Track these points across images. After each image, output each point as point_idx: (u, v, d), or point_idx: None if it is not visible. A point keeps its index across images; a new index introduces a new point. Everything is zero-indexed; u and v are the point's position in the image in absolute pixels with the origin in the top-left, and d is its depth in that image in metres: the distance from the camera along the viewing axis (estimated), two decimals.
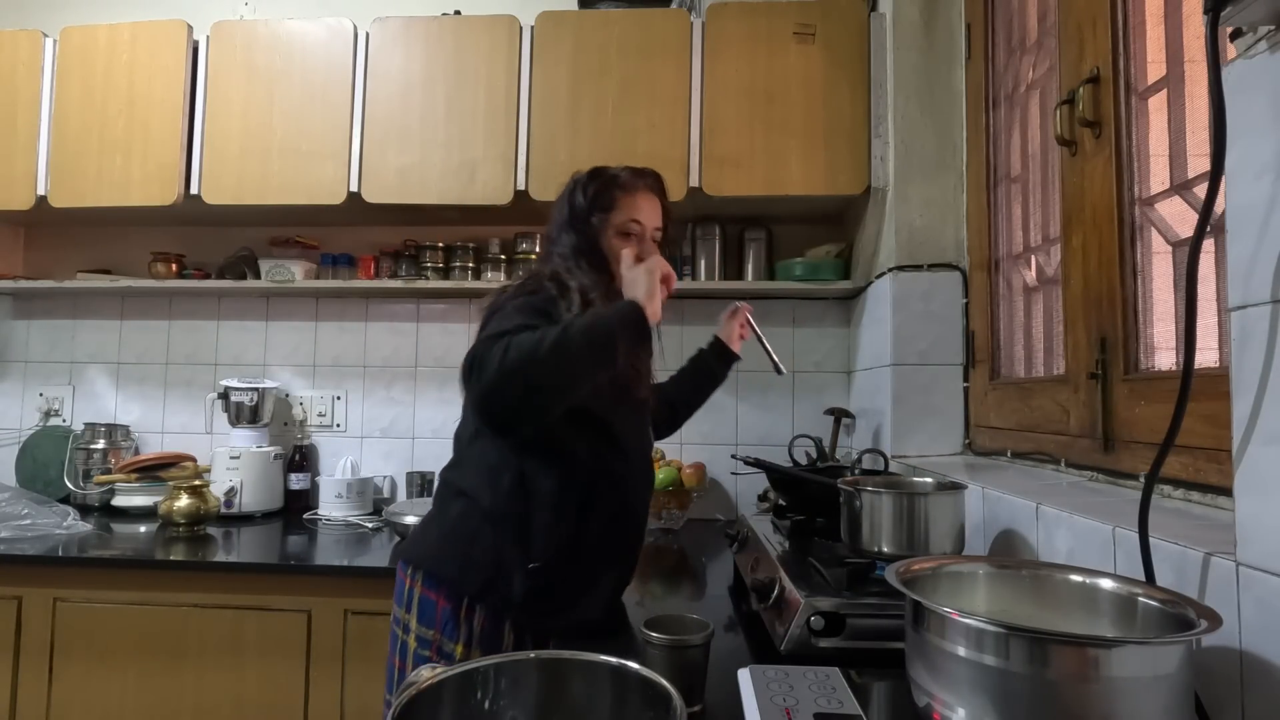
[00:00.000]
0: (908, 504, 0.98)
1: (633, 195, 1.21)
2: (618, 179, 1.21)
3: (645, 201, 1.22)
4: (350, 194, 1.91)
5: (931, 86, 1.71)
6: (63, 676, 1.58)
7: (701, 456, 2.11)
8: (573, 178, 1.25)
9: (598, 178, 1.22)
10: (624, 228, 1.20)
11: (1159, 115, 1.02)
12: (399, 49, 1.92)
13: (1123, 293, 1.06)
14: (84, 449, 2.12)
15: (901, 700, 0.72)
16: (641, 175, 1.23)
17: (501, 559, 1.08)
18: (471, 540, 1.10)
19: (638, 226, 1.20)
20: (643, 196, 1.22)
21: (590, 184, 1.21)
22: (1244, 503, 0.61)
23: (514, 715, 0.57)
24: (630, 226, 1.20)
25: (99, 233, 2.30)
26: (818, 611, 0.88)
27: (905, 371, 1.67)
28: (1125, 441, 1.04)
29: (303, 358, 2.26)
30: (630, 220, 1.20)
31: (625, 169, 1.24)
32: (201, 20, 2.00)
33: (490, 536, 1.09)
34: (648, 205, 1.22)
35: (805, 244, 2.08)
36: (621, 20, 1.89)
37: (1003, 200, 1.53)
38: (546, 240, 1.26)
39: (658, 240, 1.25)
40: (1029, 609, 0.72)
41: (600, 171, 1.23)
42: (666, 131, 1.83)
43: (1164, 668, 0.54)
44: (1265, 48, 0.60)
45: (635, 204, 1.21)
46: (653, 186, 1.24)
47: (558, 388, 0.97)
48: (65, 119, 1.98)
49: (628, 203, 1.20)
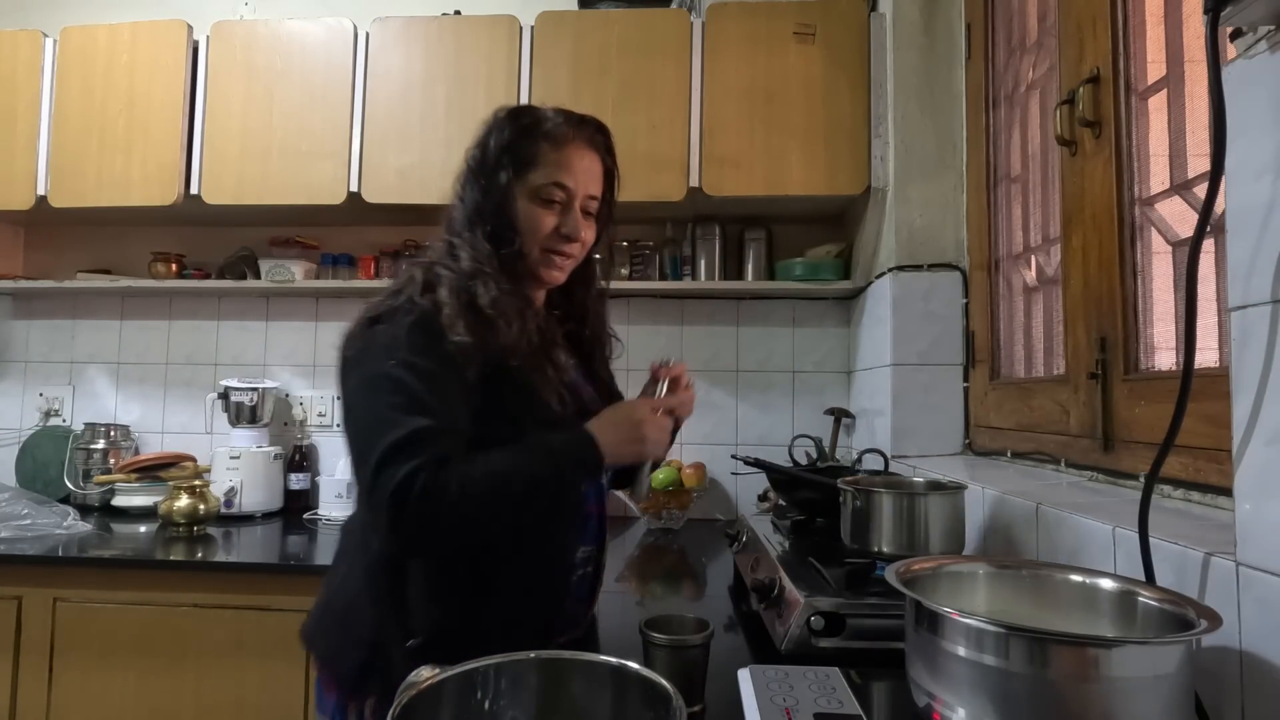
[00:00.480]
0: (908, 504, 0.98)
1: (562, 150, 0.94)
2: (542, 125, 0.94)
3: (579, 159, 0.95)
4: (350, 194, 1.91)
5: (931, 86, 1.71)
6: (63, 676, 1.58)
7: (701, 456, 2.11)
8: (493, 114, 0.98)
9: (518, 120, 0.95)
10: (543, 193, 0.94)
11: (1159, 115, 1.02)
12: (399, 49, 1.92)
13: (1123, 293, 1.06)
14: (84, 449, 2.12)
15: (901, 700, 0.72)
16: (579, 125, 0.96)
17: (378, 637, 0.87)
18: (347, 612, 0.92)
19: (561, 193, 0.94)
20: (575, 152, 0.95)
21: (508, 127, 0.95)
22: (1244, 503, 0.61)
23: (514, 715, 0.57)
24: (551, 192, 0.94)
25: (99, 233, 2.30)
26: (818, 611, 0.88)
27: (905, 371, 1.67)
28: (1125, 441, 1.04)
29: (303, 358, 2.26)
30: (552, 184, 0.93)
31: (558, 112, 0.97)
32: (201, 20, 2.00)
33: (367, 608, 0.89)
34: (581, 165, 0.95)
35: (805, 244, 2.08)
36: (621, 20, 1.89)
37: (1003, 200, 1.53)
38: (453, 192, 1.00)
39: (592, 212, 0.99)
40: (1029, 609, 0.72)
41: (523, 112, 0.97)
42: (666, 131, 1.83)
43: (1164, 668, 0.54)
44: (1265, 48, 0.60)
45: (564, 162, 0.94)
46: (592, 140, 0.97)
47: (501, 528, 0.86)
48: (65, 119, 1.98)
49: (553, 159, 0.94)
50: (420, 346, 0.84)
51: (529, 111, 0.97)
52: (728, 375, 2.16)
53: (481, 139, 0.96)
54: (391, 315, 0.87)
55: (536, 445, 0.86)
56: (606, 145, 1.00)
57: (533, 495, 0.85)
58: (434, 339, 0.84)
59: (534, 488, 0.85)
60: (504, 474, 0.83)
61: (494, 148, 0.94)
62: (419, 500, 0.77)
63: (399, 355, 0.83)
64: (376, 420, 0.82)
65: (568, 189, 0.95)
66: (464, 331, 0.85)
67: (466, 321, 0.85)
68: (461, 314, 0.86)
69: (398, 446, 0.79)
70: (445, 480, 0.79)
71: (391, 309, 0.88)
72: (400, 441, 0.79)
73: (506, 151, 0.93)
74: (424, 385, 0.83)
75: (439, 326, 0.85)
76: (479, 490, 0.81)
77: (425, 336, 0.85)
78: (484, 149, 0.95)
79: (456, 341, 0.84)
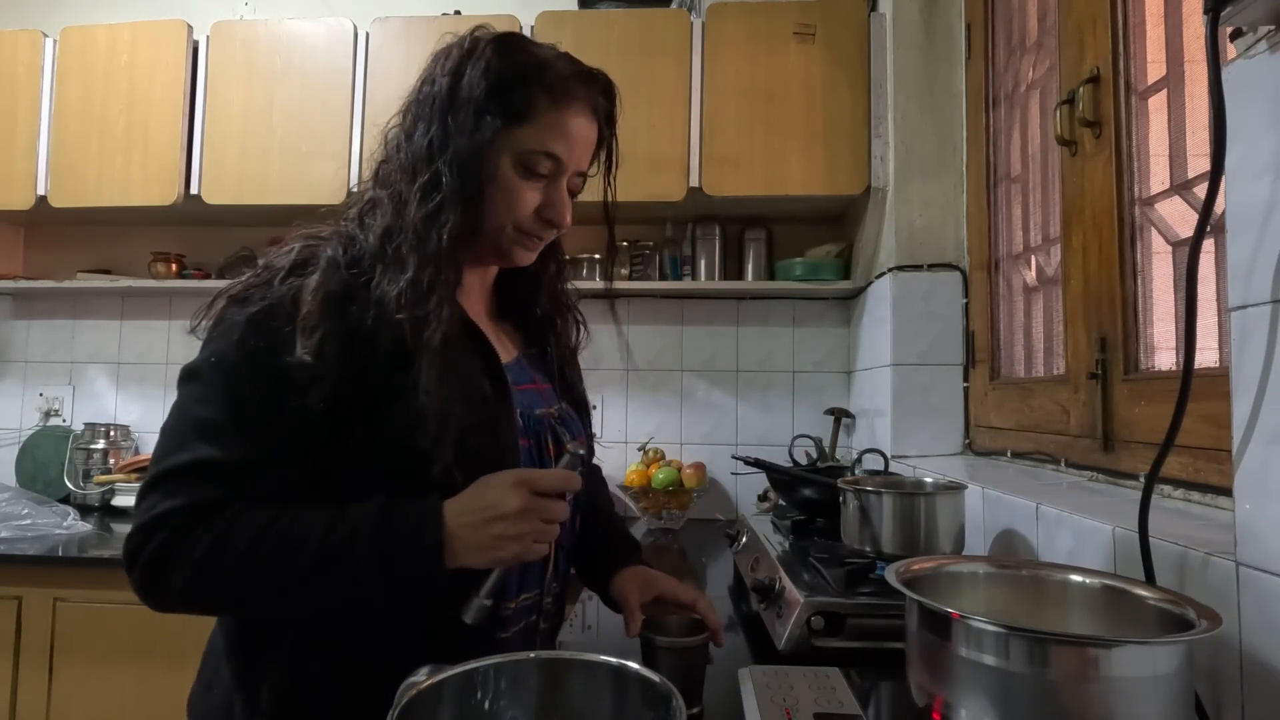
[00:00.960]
0: (908, 504, 0.98)
1: (563, 110, 0.73)
2: (543, 73, 0.72)
3: (578, 125, 0.75)
4: (350, 194, 1.90)
5: (931, 86, 1.71)
6: (63, 676, 1.58)
7: (701, 456, 2.11)
8: (471, 34, 0.75)
9: (511, 53, 0.73)
10: (529, 160, 0.73)
11: (1159, 115, 1.02)
12: (399, 49, 1.92)
13: (1123, 293, 1.06)
14: (84, 449, 2.11)
15: (901, 700, 0.72)
16: (588, 80, 0.76)
17: (231, 710, 0.70)
18: (213, 664, 0.75)
19: (549, 164, 0.74)
20: (575, 116, 0.74)
21: (498, 59, 0.72)
22: (1244, 503, 0.61)
23: (514, 715, 0.57)
24: (538, 162, 0.73)
25: (99, 233, 2.30)
26: (818, 611, 0.88)
27: (905, 371, 1.67)
28: (1125, 441, 1.04)
29: None
30: (543, 153, 0.73)
31: (562, 57, 0.75)
32: (201, 20, 2.00)
33: (225, 677, 0.72)
34: (580, 133, 0.75)
35: (805, 244, 2.08)
36: (621, 20, 1.90)
37: (1003, 200, 1.53)
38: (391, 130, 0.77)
39: (577, 190, 0.80)
40: (1029, 609, 0.72)
41: (519, 45, 0.74)
42: (666, 131, 1.83)
43: (1164, 668, 0.54)
44: (1265, 48, 0.60)
45: (562, 126, 0.73)
46: (596, 105, 0.77)
47: (272, 609, 0.68)
48: (65, 119, 1.98)
49: (551, 121, 0.73)
50: (250, 351, 0.66)
51: (526, 47, 0.74)
52: (728, 375, 2.16)
53: (452, 65, 0.72)
54: (245, 297, 0.69)
55: (349, 514, 0.64)
56: (609, 111, 0.80)
57: (308, 584, 0.63)
58: (273, 345, 0.65)
59: (315, 574, 0.63)
60: (278, 549, 0.62)
61: (474, 79, 0.70)
62: (154, 553, 0.62)
63: (223, 355, 0.67)
64: (173, 428, 0.67)
65: (559, 161, 0.74)
66: (316, 345, 0.65)
67: (328, 328, 0.66)
68: (324, 315, 0.66)
69: (168, 474, 0.64)
70: (194, 539, 0.62)
71: (248, 287, 0.70)
72: (174, 470, 0.64)
73: (494, 92, 0.70)
74: (232, 405, 0.65)
75: (286, 329, 0.66)
76: (228, 562, 0.62)
77: (263, 339, 0.66)
78: (456, 77, 0.71)
79: (301, 358, 0.64)
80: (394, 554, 0.63)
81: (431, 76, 0.74)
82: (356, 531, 0.63)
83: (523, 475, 0.66)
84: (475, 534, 0.64)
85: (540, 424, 0.81)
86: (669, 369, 2.18)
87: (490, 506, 0.65)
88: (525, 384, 0.82)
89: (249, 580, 0.63)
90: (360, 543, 0.63)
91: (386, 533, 0.63)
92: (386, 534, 0.63)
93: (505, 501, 0.64)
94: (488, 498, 0.65)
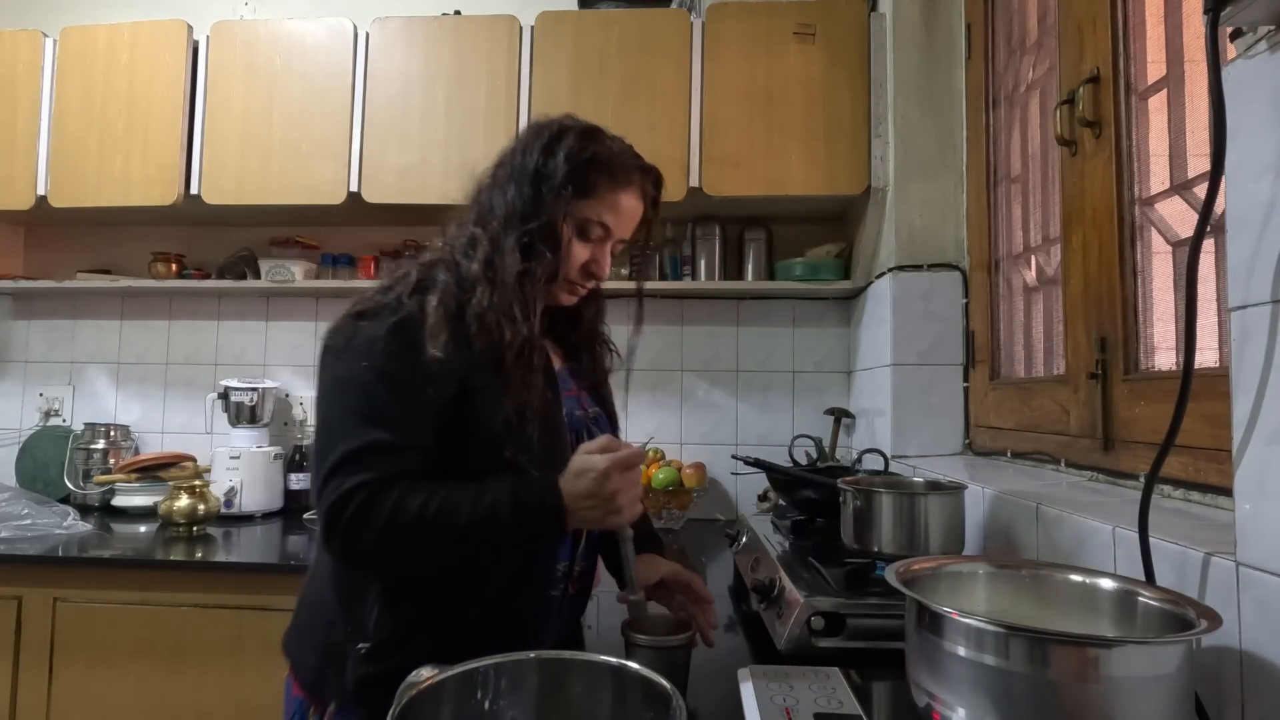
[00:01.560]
0: (908, 504, 0.98)
1: (619, 193, 0.94)
2: (610, 162, 0.93)
3: (628, 204, 0.95)
4: (350, 194, 1.91)
5: (931, 86, 1.71)
6: (63, 676, 1.58)
7: (701, 456, 2.11)
8: (560, 122, 0.95)
9: (588, 144, 0.92)
10: (585, 226, 0.93)
11: (1159, 115, 1.02)
12: (399, 49, 1.92)
13: (1123, 293, 1.06)
14: (84, 449, 2.11)
15: (901, 700, 0.72)
16: (643, 172, 0.97)
17: (331, 639, 0.87)
18: (310, 612, 0.93)
19: (601, 231, 0.94)
20: (627, 197, 0.95)
21: (577, 148, 0.91)
22: (1244, 503, 0.61)
23: (514, 715, 0.57)
24: (592, 229, 0.93)
25: (99, 233, 2.30)
26: (818, 611, 0.88)
27: (905, 371, 1.67)
28: (1125, 441, 1.04)
29: (303, 358, 2.26)
30: (597, 221, 0.93)
31: (627, 151, 0.96)
32: (201, 20, 2.00)
33: (329, 608, 0.89)
34: (629, 210, 0.96)
35: (805, 244, 2.08)
36: (621, 20, 1.89)
37: (1003, 200, 1.53)
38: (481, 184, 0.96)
39: (617, 251, 1.01)
40: (1029, 609, 0.72)
41: (594, 136, 0.94)
42: (666, 131, 1.83)
43: (1164, 668, 0.54)
44: (1265, 48, 0.60)
45: (615, 203, 0.94)
46: (645, 190, 0.98)
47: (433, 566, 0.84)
48: (65, 119, 1.98)
49: (607, 198, 0.93)
50: (395, 352, 0.82)
51: (601, 139, 0.94)
52: (728, 375, 2.16)
53: (546, 144, 0.92)
54: (376, 313, 0.85)
55: (491, 487, 0.81)
56: (655, 198, 1.00)
57: (468, 540, 0.80)
58: (411, 347, 0.82)
59: (472, 532, 0.79)
60: (440, 511, 0.78)
61: (559, 160, 0.90)
62: (350, 519, 0.77)
63: (373, 359, 0.82)
64: (338, 423, 0.82)
65: (609, 229, 0.94)
66: (443, 346, 0.82)
67: (449, 333, 0.83)
68: (445, 325, 0.83)
69: (349, 457, 0.79)
70: (380, 504, 0.77)
71: (378, 305, 0.85)
72: (353, 453, 0.79)
73: (573, 172, 0.90)
74: (390, 395, 0.81)
75: (420, 335, 0.83)
76: (406, 522, 0.77)
77: (403, 343, 0.82)
78: (549, 155, 0.91)
79: (433, 355, 0.82)
80: (526, 517, 0.80)
81: (528, 147, 0.93)
82: (498, 501, 0.79)
83: (613, 461, 0.80)
84: (590, 514, 0.81)
85: (580, 424, 0.98)
86: (669, 369, 2.18)
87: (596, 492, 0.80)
88: (568, 391, 1.00)
89: (420, 539, 0.79)
90: (502, 508, 0.79)
91: (520, 501, 0.79)
92: (521, 502, 0.79)
93: (605, 487, 0.80)
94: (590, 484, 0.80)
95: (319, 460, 0.81)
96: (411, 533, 0.78)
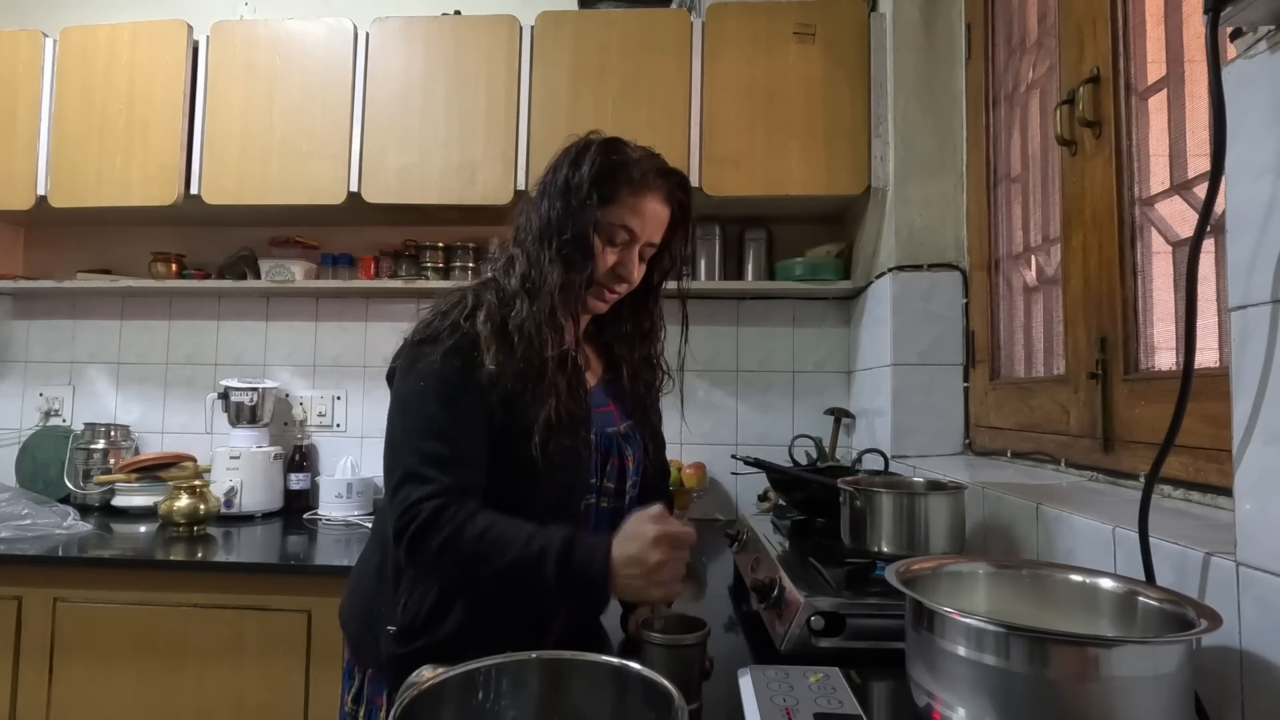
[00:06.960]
0: (908, 504, 0.98)
1: (640, 197, 0.97)
2: (629, 169, 0.97)
3: (651, 208, 0.98)
4: (350, 194, 1.91)
5: (931, 86, 1.71)
6: (63, 676, 1.58)
7: (701, 456, 2.11)
8: (585, 139, 1.00)
9: (608, 154, 0.97)
10: (609, 231, 0.97)
11: (1159, 115, 1.02)
12: (399, 49, 1.92)
13: (1123, 293, 1.06)
14: (84, 449, 2.11)
15: (901, 700, 0.72)
16: (663, 175, 0.99)
17: (371, 614, 0.97)
18: (358, 581, 1.03)
19: (625, 235, 0.98)
20: (650, 202, 0.98)
21: (598, 158, 0.96)
22: (1244, 503, 0.61)
23: (515, 715, 0.57)
24: (616, 233, 0.97)
25: (99, 233, 2.30)
26: (818, 611, 0.88)
27: (905, 371, 1.67)
28: (1125, 441, 1.04)
29: (303, 358, 2.26)
30: (620, 226, 0.97)
31: (647, 157, 0.99)
32: (201, 20, 2.00)
33: (373, 583, 0.99)
34: (653, 214, 0.99)
35: (805, 244, 2.08)
36: (621, 20, 1.89)
37: (1003, 200, 1.53)
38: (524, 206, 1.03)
39: (648, 256, 1.03)
40: (1029, 609, 0.72)
41: (615, 147, 0.98)
42: (666, 131, 1.83)
43: (1164, 668, 0.54)
44: (1265, 48, 0.60)
45: (638, 208, 0.97)
46: (669, 194, 1.01)
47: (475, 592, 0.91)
48: (65, 119, 1.98)
49: (629, 203, 0.97)
50: (453, 372, 0.91)
51: (621, 149, 0.99)
52: (728, 375, 2.16)
53: (573, 159, 0.97)
54: (436, 338, 0.93)
55: (549, 532, 0.85)
56: (683, 202, 1.03)
57: (507, 578, 0.84)
58: (468, 366, 0.91)
59: (511, 572, 0.84)
60: (492, 543, 0.84)
61: (585, 174, 0.95)
62: (418, 527, 0.85)
63: (433, 379, 0.91)
64: (403, 438, 0.91)
65: (633, 233, 0.98)
66: (494, 358, 0.90)
67: (496, 347, 0.91)
68: (493, 339, 0.91)
69: (416, 470, 0.88)
70: (446, 520, 0.85)
71: (438, 331, 0.93)
72: (419, 466, 0.88)
73: (595, 181, 0.95)
74: (450, 412, 0.90)
75: (473, 354, 0.91)
76: (461, 545, 0.84)
77: (460, 363, 0.91)
78: (575, 169, 0.96)
79: (487, 370, 0.90)
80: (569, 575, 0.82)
81: (558, 165, 0.99)
82: (546, 550, 0.82)
83: (664, 532, 0.82)
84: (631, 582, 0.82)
85: (610, 441, 1.02)
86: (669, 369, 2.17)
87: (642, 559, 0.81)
88: (601, 406, 1.04)
89: (472, 560, 0.85)
90: (548, 560, 0.82)
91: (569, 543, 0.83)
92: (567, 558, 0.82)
93: (651, 556, 0.81)
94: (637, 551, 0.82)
95: (389, 471, 0.91)
96: (466, 554, 0.85)
